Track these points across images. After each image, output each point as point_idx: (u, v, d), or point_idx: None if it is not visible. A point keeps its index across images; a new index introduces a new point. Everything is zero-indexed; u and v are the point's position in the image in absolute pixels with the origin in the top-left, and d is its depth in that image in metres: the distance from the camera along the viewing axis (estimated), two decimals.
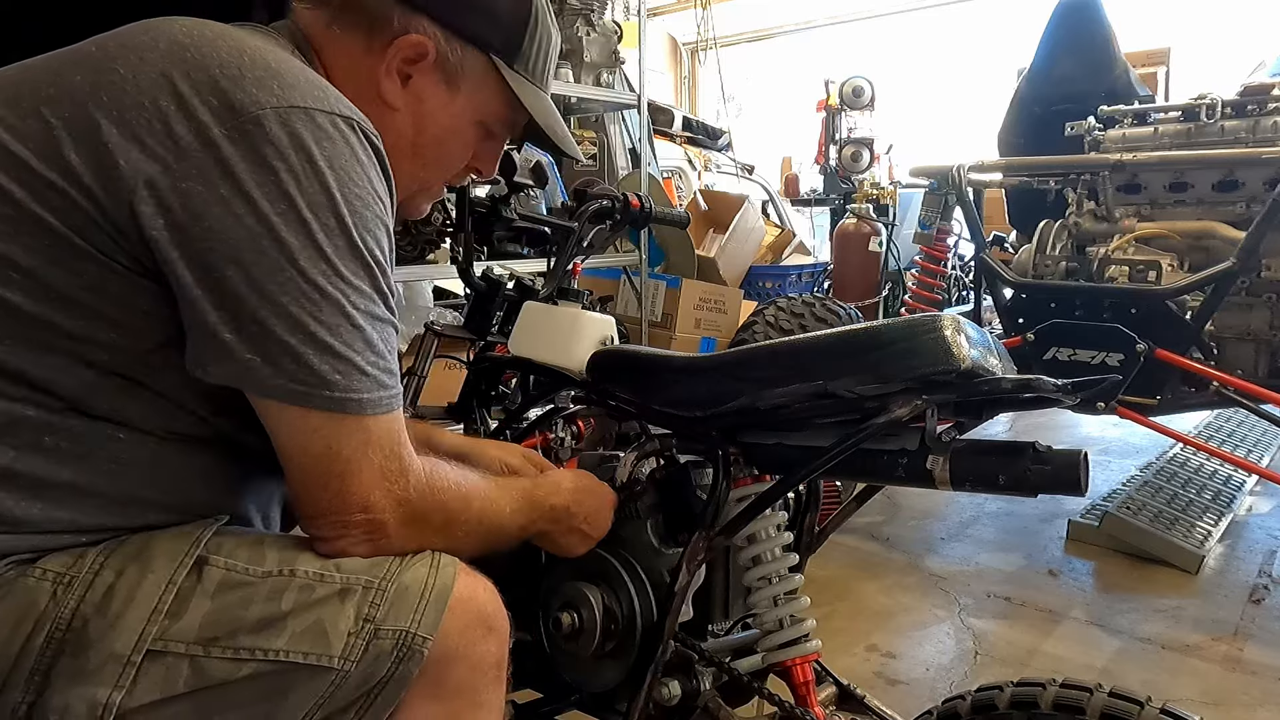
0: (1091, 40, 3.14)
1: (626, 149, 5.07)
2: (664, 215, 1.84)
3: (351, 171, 0.82)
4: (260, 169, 0.77)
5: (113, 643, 0.75)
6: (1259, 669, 2.21)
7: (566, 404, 1.39)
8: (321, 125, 0.81)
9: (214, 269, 0.76)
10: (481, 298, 1.58)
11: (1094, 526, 2.99)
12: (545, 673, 1.27)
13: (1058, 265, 2.88)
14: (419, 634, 0.83)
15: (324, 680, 0.80)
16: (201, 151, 0.77)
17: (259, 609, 0.79)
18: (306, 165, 0.79)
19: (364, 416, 0.82)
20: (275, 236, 0.77)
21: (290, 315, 0.78)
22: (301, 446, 0.81)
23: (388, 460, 0.84)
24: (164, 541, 0.81)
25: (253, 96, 0.79)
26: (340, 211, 0.80)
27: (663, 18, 9.84)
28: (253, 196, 0.77)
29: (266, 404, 0.81)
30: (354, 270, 0.81)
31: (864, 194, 5.23)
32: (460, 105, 1.02)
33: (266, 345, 0.77)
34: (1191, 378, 2.60)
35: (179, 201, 0.76)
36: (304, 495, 0.83)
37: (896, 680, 2.20)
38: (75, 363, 0.78)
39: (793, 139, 7.89)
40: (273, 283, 0.77)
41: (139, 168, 0.76)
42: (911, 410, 0.97)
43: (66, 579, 0.76)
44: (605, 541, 1.24)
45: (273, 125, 0.78)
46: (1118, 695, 1.03)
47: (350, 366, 0.80)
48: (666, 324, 4.37)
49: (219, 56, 0.81)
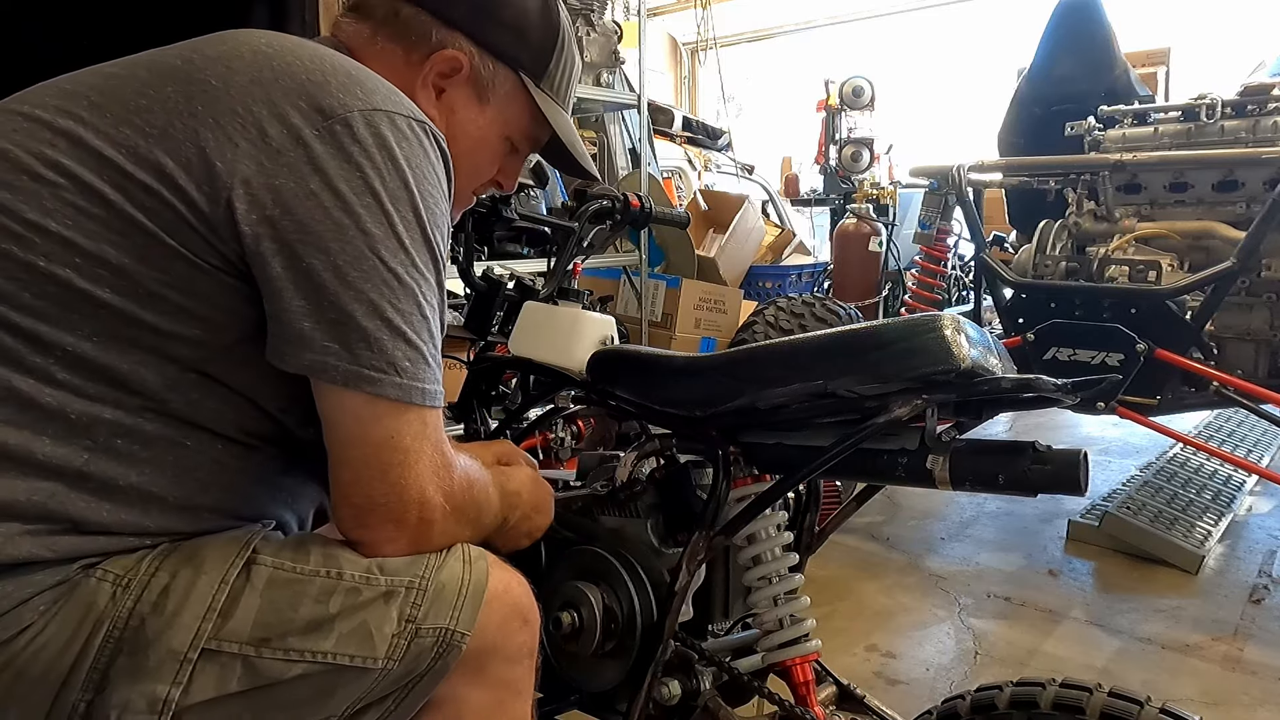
0: (1091, 40, 3.14)
1: (626, 149, 5.08)
2: (664, 215, 1.84)
3: (426, 170, 0.88)
4: (348, 165, 0.83)
5: (170, 640, 0.78)
6: (1259, 669, 2.21)
7: (566, 404, 1.39)
8: (400, 127, 0.87)
9: (302, 258, 0.81)
10: (481, 298, 1.58)
11: (1094, 526, 2.99)
12: (545, 672, 1.27)
13: (1058, 265, 2.88)
14: (458, 630, 0.87)
15: (368, 679, 0.84)
16: (293, 150, 0.82)
17: (308, 610, 0.82)
18: (389, 163, 0.85)
19: (424, 408, 0.85)
20: (360, 227, 0.82)
21: (370, 301, 0.82)
22: (363, 434, 0.83)
23: (436, 453, 0.87)
24: (215, 545, 0.84)
25: (339, 100, 0.85)
26: (417, 205, 0.86)
27: (663, 18, 9.84)
28: (340, 190, 0.82)
29: (334, 391, 0.83)
30: (425, 262, 0.87)
31: (864, 194, 5.24)
32: (490, 118, 1.09)
33: (345, 331, 0.81)
34: (1191, 378, 2.60)
35: (272, 197, 0.81)
36: (358, 486, 0.84)
37: (896, 680, 2.20)
38: (159, 359, 0.82)
39: (793, 139, 7.90)
40: (355, 270, 0.82)
41: (235, 167, 0.81)
42: (911, 410, 0.97)
43: (125, 581, 0.79)
44: (606, 541, 1.24)
45: (359, 126, 0.85)
46: (1117, 695, 1.03)
47: (419, 355, 0.85)
48: (666, 324, 4.37)
49: (302, 64, 0.87)
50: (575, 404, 1.39)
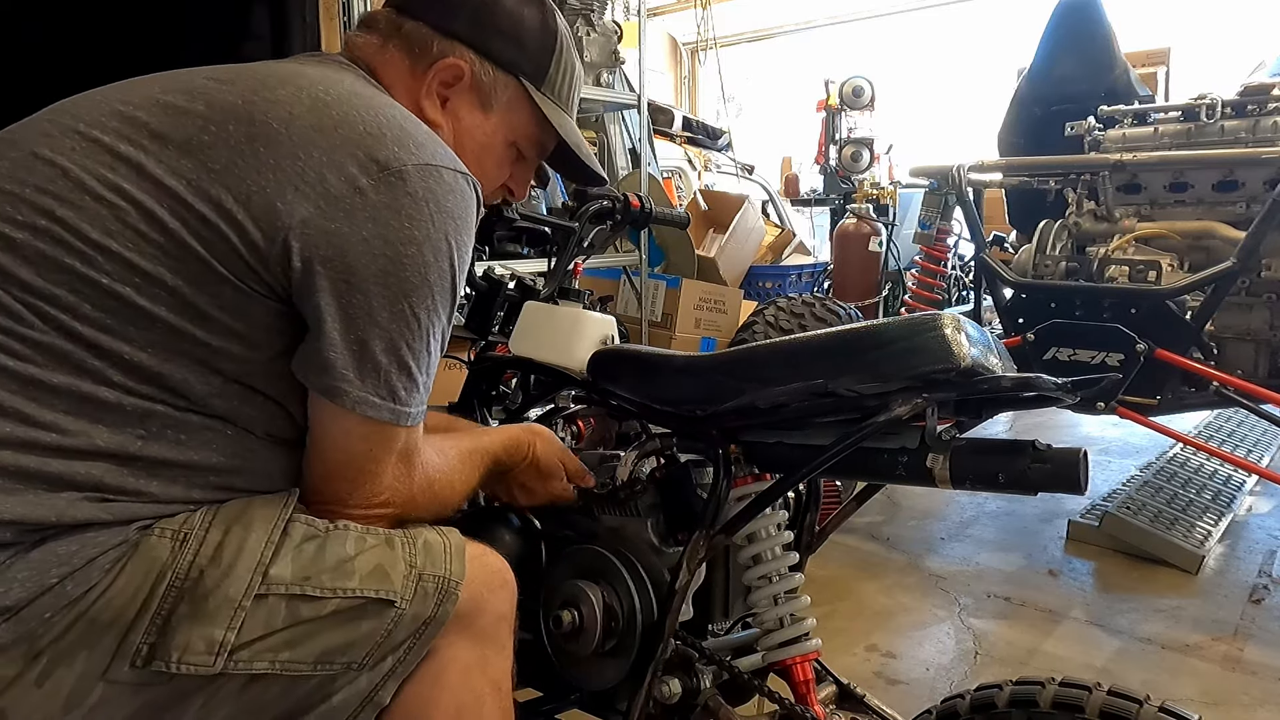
0: (1091, 40, 3.14)
1: (626, 149, 5.07)
2: (664, 215, 1.84)
3: (464, 220, 0.97)
4: (399, 216, 0.91)
5: (227, 589, 0.86)
6: (1259, 669, 2.21)
7: (567, 404, 1.39)
8: (448, 181, 0.95)
9: (345, 295, 0.90)
10: (482, 298, 1.58)
11: (1094, 526, 3.00)
12: (545, 672, 1.27)
13: (1058, 265, 2.88)
14: (453, 578, 0.97)
15: (389, 614, 0.93)
16: (351, 198, 0.90)
17: (333, 553, 0.92)
18: (436, 215, 0.93)
19: (399, 428, 0.95)
20: (400, 275, 0.91)
21: (390, 339, 0.92)
22: (344, 445, 0.94)
23: (402, 460, 0.98)
24: (260, 505, 0.93)
25: (394, 154, 0.93)
26: (453, 257, 0.95)
27: (663, 18, 9.84)
28: (389, 238, 0.90)
29: (333, 408, 0.92)
30: (444, 303, 0.96)
31: (864, 194, 5.24)
32: (494, 124, 1.14)
33: (362, 362, 0.91)
34: (1191, 378, 2.60)
35: (326, 239, 0.89)
36: (326, 486, 0.96)
37: (896, 680, 2.20)
38: (207, 370, 0.90)
39: (793, 139, 7.90)
40: (386, 311, 0.91)
41: (294, 209, 0.88)
42: (912, 409, 0.97)
43: (182, 535, 0.88)
44: (606, 540, 1.24)
45: (413, 179, 0.92)
46: (1117, 694, 1.03)
47: (414, 385, 0.95)
48: (666, 324, 4.37)
49: (359, 115, 0.94)
50: (575, 404, 1.39)
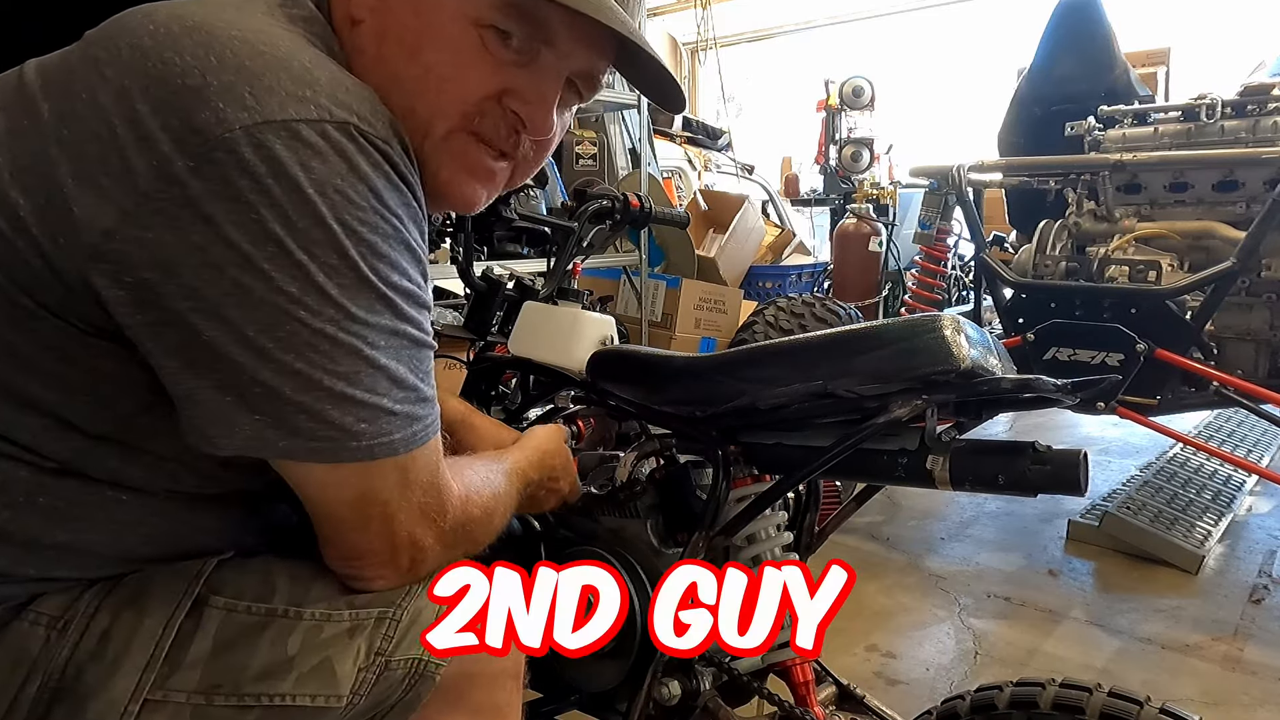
0: (1091, 40, 3.14)
1: (626, 149, 5.07)
2: (664, 215, 1.84)
3: (350, 192, 0.68)
4: (238, 205, 0.64)
5: (110, 691, 0.70)
6: (1259, 669, 2.21)
7: (566, 404, 1.39)
8: (307, 140, 0.66)
9: (199, 332, 0.65)
10: (481, 298, 1.58)
11: (1094, 526, 2.99)
12: (545, 673, 1.27)
13: (1058, 265, 2.88)
14: (433, 660, 0.80)
15: (330, 717, 0.77)
16: (165, 191, 0.64)
17: (264, 654, 0.74)
18: (292, 194, 0.65)
19: (398, 456, 0.74)
20: (268, 286, 0.65)
21: (298, 373, 0.67)
22: (334, 499, 0.74)
23: (427, 495, 0.77)
24: (161, 582, 0.75)
25: (219, 114, 0.64)
26: (341, 243, 0.67)
27: (663, 18, 9.84)
28: (232, 240, 0.64)
29: (286, 465, 0.73)
30: (367, 306, 0.69)
31: (864, 194, 5.23)
32: None
33: (276, 407, 0.67)
34: (1191, 378, 2.60)
35: (145, 255, 0.64)
36: (339, 540, 0.77)
37: (896, 680, 2.20)
38: (60, 427, 0.70)
39: (793, 139, 7.89)
40: (270, 339, 0.66)
41: (93, 215, 0.64)
42: (911, 410, 0.97)
43: (61, 623, 0.71)
44: (605, 541, 1.24)
45: (245, 150, 0.64)
46: (1117, 695, 1.03)
47: (376, 411, 0.71)
48: (666, 324, 4.37)
49: (183, 60, 0.66)
50: (575, 404, 1.39)
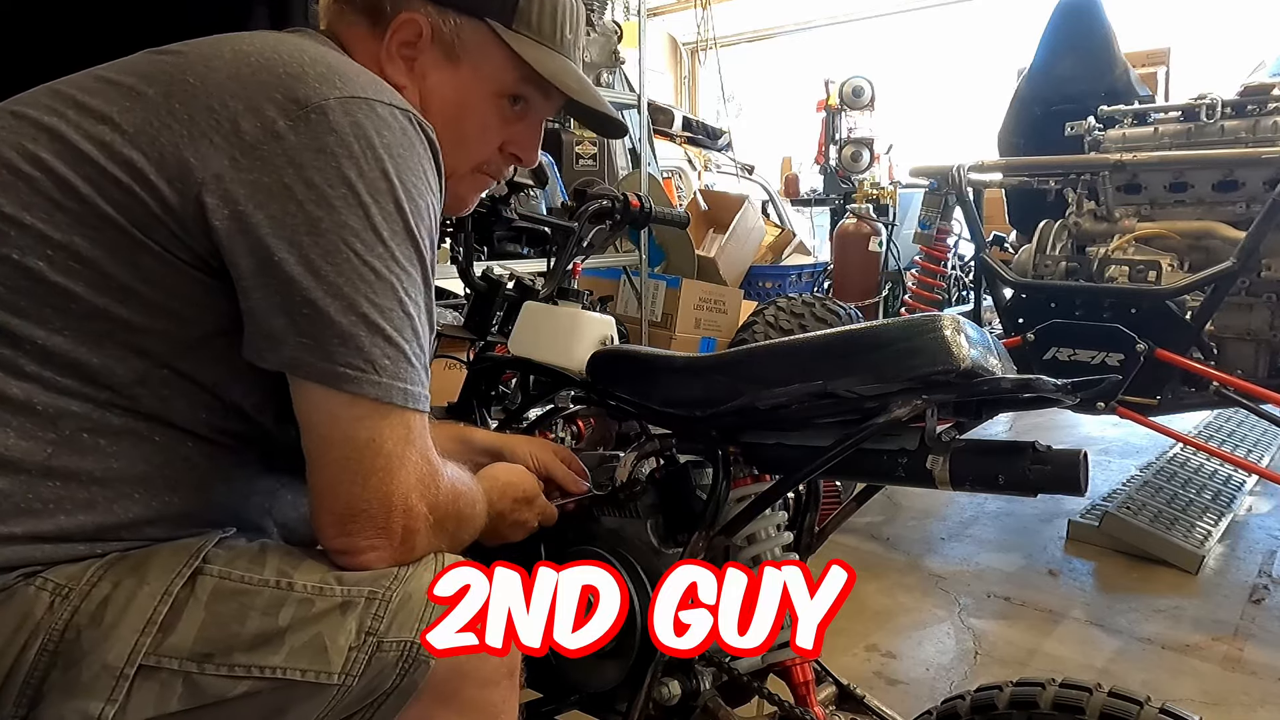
0: (1091, 40, 3.14)
1: (626, 149, 5.07)
2: (664, 215, 1.84)
3: (409, 160, 0.84)
4: (322, 155, 0.80)
5: (105, 654, 0.74)
6: (1259, 669, 2.21)
7: (566, 404, 1.39)
8: (382, 115, 0.83)
9: (273, 252, 0.78)
10: (481, 298, 1.58)
11: (1094, 526, 2.99)
12: (545, 672, 1.27)
13: (1058, 265, 2.88)
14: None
15: (324, 696, 0.79)
16: (268, 144, 0.79)
17: (255, 623, 0.78)
18: (368, 151, 0.81)
19: (406, 410, 0.82)
20: (335, 220, 0.79)
21: (345, 295, 0.78)
22: (342, 435, 0.80)
23: (422, 461, 0.84)
24: (162, 554, 0.80)
25: (316, 90, 0.82)
26: (399, 197, 0.82)
27: (663, 18, 9.84)
28: (314, 181, 0.79)
29: (312, 389, 0.80)
30: (408, 256, 0.83)
31: (864, 194, 5.24)
32: (466, 78, 1.00)
33: (319, 327, 0.78)
34: (1191, 378, 2.60)
35: (244, 192, 0.78)
36: (337, 490, 0.81)
37: (896, 680, 2.20)
38: (131, 353, 0.80)
39: (793, 139, 7.90)
40: (329, 264, 0.78)
41: (208, 163, 0.79)
42: (911, 410, 0.97)
43: (65, 590, 0.76)
44: (605, 541, 1.24)
45: (336, 114, 0.81)
46: (1117, 695, 1.03)
47: (399, 353, 0.81)
48: (666, 324, 4.37)
49: (280, 58, 0.84)
50: (575, 404, 1.39)
